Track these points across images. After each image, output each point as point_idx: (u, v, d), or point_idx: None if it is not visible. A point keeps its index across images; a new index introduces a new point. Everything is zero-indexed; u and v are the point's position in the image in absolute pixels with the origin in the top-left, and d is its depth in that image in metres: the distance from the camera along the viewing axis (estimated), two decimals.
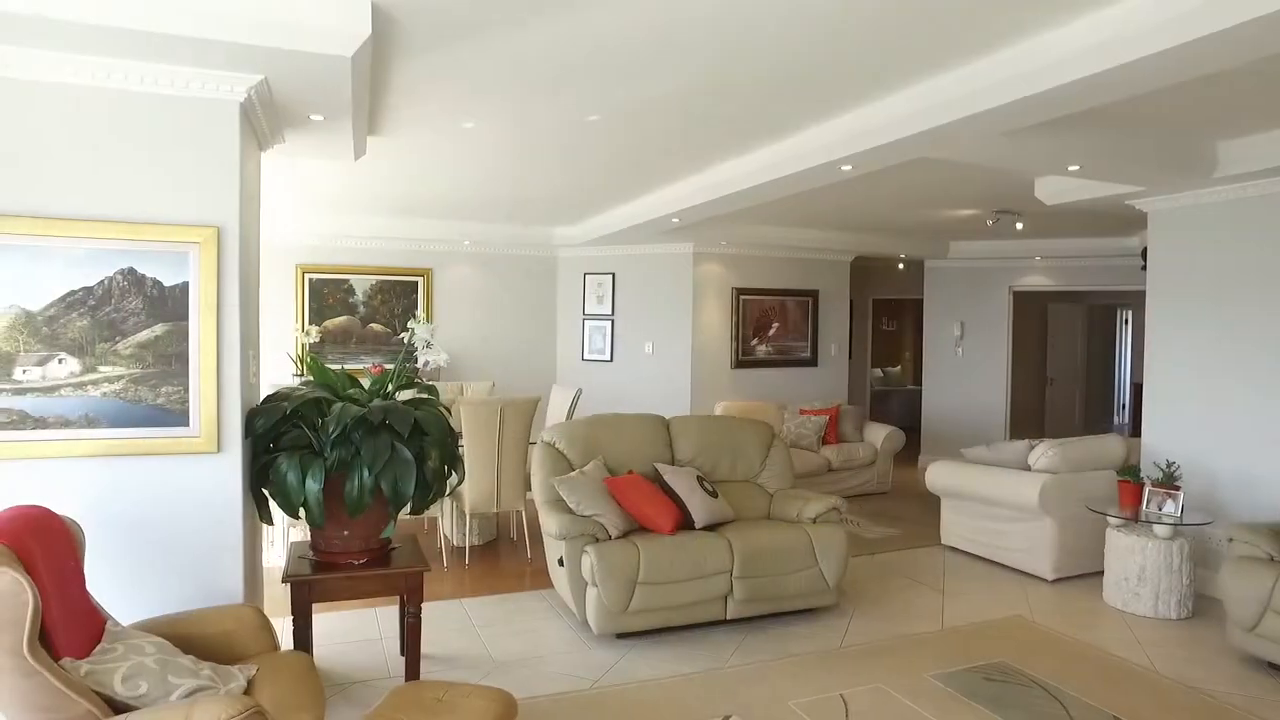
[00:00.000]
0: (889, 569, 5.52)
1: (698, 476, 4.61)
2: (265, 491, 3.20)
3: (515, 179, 5.87)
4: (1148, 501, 4.81)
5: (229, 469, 3.06)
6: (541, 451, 4.68)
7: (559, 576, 4.39)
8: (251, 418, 3.17)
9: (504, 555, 5.77)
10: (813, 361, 8.99)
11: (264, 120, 3.38)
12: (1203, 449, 5.12)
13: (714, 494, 4.55)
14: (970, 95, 3.33)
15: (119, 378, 2.91)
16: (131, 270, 2.90)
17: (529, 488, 5.19)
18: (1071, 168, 4.61)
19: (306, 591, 3.25)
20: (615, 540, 4.15)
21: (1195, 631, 4.43)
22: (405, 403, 3.37)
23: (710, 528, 4.45)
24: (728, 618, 4.32)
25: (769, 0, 2.71)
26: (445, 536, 5.90)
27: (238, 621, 2.77)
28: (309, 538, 3.52)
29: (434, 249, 8.36)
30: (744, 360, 8.61)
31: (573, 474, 4.47)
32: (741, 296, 8.56)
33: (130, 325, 2.92)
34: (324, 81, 3.03)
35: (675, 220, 6.62)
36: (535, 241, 8.63)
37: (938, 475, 5.95)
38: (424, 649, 3.92)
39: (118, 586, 2.88)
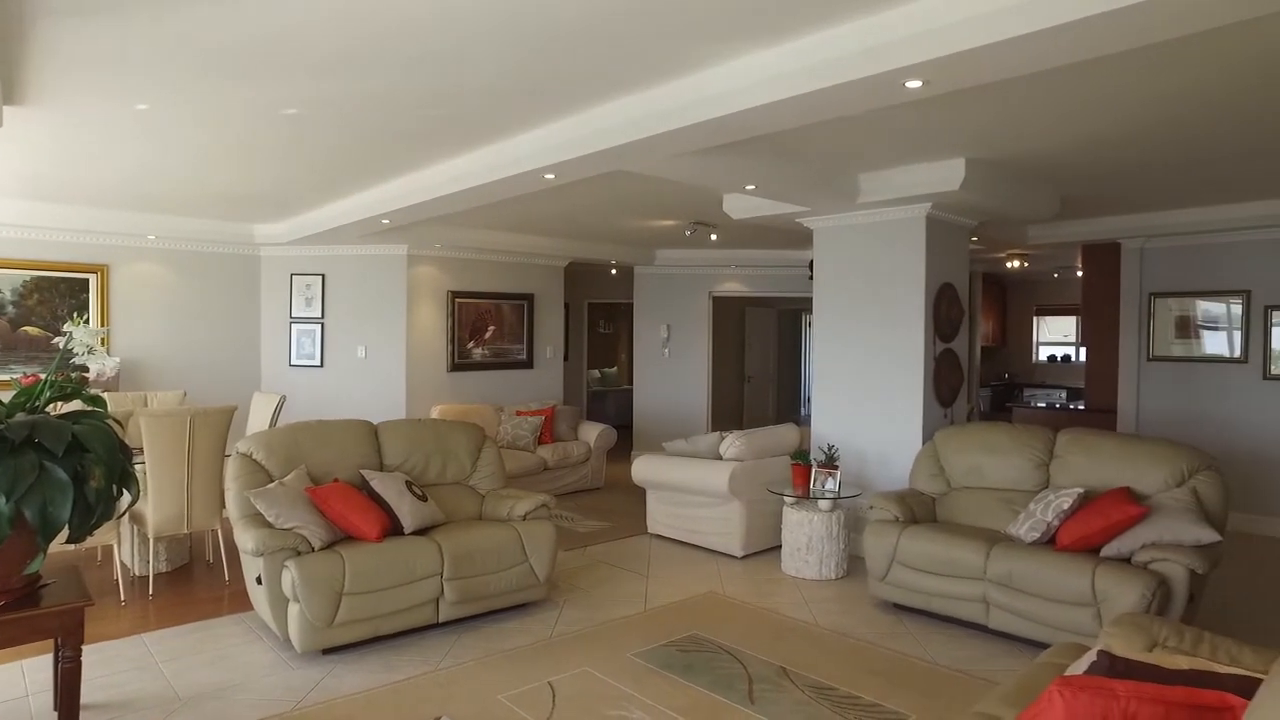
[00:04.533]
0: (599, 560, 5.84)
1: (406, 481, 4.57)
2: None
3: (206, 170, 5.40)
4: (814, 480, 5.55)
5: None
6: (236, 463, 4.37)
7: (258, 596, 4.12)
8: None
9: (198, 580, 5.28)
10: (529, 364, 9.20)
11: None
12: (855, 433, 6.01)
13: (423, 498, 4.54)
14: (658, 115, 3.64)
15: None
16: None
17: (226, 504, 4.81)
18: (749, 187, 5.19)
19: None
20: (319, 552, 3.99)
21: (847, 588, 5.21)
22: (63, 416, 2.99)
23: (421, 532, 4.43)
24: (440, 620, 4.33)
25: (475, 7, 2.76)
26: (124, 565, 5.26)
27: None
28: None
29: (110, 242, 7.39)
30: (460, 363, 8.60)
31: (271, 485, 4.23)
32: (457, 299, 8.54)
33: None
34: None
35: (385, 221, 6.47)
36: (235, 239, 7.95)
37: (642, 468, 6.39)
38: (89, 697, 3.51)
39: None
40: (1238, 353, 6.93)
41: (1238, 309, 6.94)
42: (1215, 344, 7.09)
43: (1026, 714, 1.92)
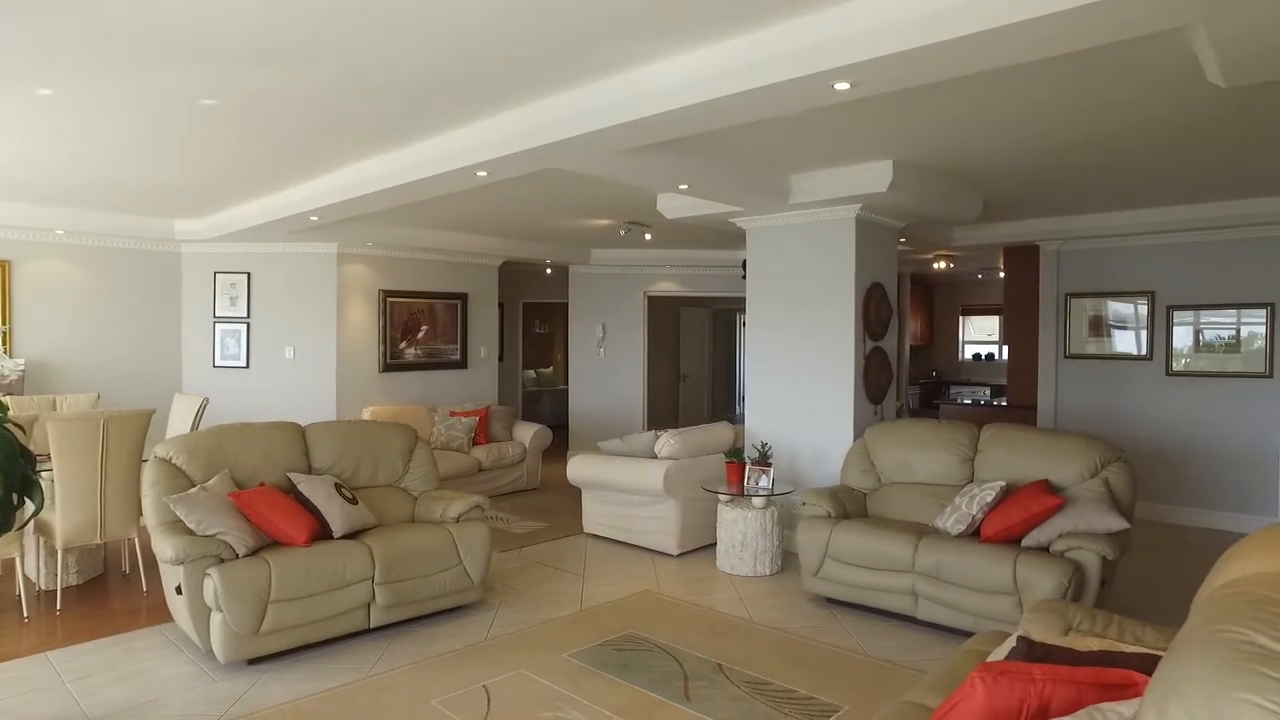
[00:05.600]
0: (535, 560, 5.80)
1: (336, 484, 4.45)
2: None
3: (118, 161, 5.17)
4: (748, 478, 5.62)
5: None
6: (154, 468, 4.19)
7: (178, 606, 3.97)
8: None
9: (113, 592, 5.05)
10: (463, 364, 9.08)
11: None
12: (788, 431, 6.11)
13: (354, 501, 4.43)
14: (590, 113, 3.65)
15: None
16: None
17: (143, 511, 4.61)
18: (681, 186, 5.22)
19: None
20: (243, 559, 3.86)
21: (781, 583, 5.28)
22: None
23: (351, 536, 4.33)
24: (372, 626, 4.24)
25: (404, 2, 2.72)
26: (28, 579, 4.99)
27: None
28: None
29: (12, 237, 7.00)
30: (392, 364, 8.43)
31: (192, 490, 4.07)
32: (389, 299, 8.38)
33: None
34: None
35: (314, 218, 6.31)
36: (153, 235, 7.62)
37: (577, 468, 6.37)
38: None
39: None
40: (1144, 351, 7.28)
41: (1144, 309, 7.29)
42: (1124, 343, 7.43)
43: (950, 701, 1.97)
